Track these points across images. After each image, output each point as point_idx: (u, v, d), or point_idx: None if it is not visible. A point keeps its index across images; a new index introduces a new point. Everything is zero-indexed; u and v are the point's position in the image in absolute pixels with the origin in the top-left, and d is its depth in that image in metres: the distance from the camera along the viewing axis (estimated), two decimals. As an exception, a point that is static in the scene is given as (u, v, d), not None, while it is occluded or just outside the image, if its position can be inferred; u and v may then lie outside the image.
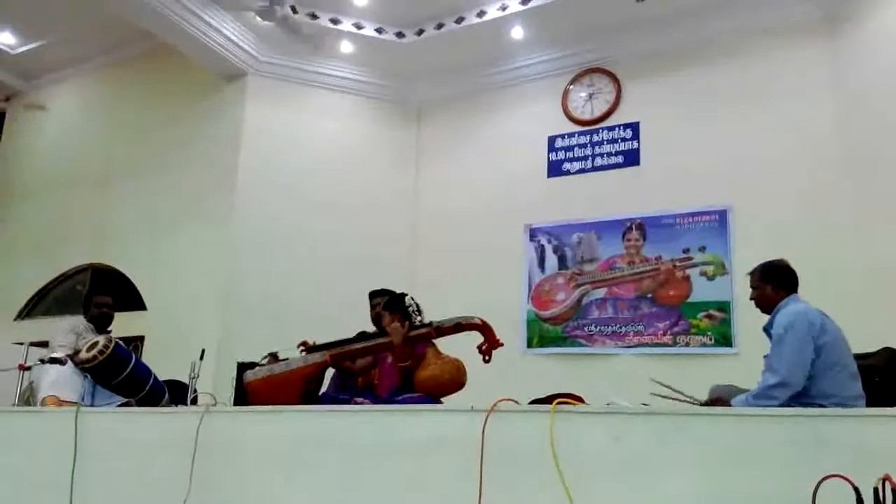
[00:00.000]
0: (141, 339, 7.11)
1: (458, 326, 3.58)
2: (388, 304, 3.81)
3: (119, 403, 3.90)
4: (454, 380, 3.58)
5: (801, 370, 3.02)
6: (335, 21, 7.08)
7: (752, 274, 3.54)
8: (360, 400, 3.43)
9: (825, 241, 5.61)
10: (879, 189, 5.35)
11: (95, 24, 7.87)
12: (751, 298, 3.54)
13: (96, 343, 3.83)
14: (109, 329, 4.62)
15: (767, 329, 3.34)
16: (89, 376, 3.95)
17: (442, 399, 3.54)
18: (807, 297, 3.43)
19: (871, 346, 3.70)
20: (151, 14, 6.50)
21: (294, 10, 6.87)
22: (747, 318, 5.23)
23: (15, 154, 9.19)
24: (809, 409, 2.75)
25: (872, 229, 5.40)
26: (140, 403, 3.91)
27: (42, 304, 8.22)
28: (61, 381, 3.95)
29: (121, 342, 4.06)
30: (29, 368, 3.94)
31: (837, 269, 5.42)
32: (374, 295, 4.29)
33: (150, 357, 6.85)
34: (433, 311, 3.92)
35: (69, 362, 3.98)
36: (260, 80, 7.36)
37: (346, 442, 2.91)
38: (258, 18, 6.77)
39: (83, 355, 3.83)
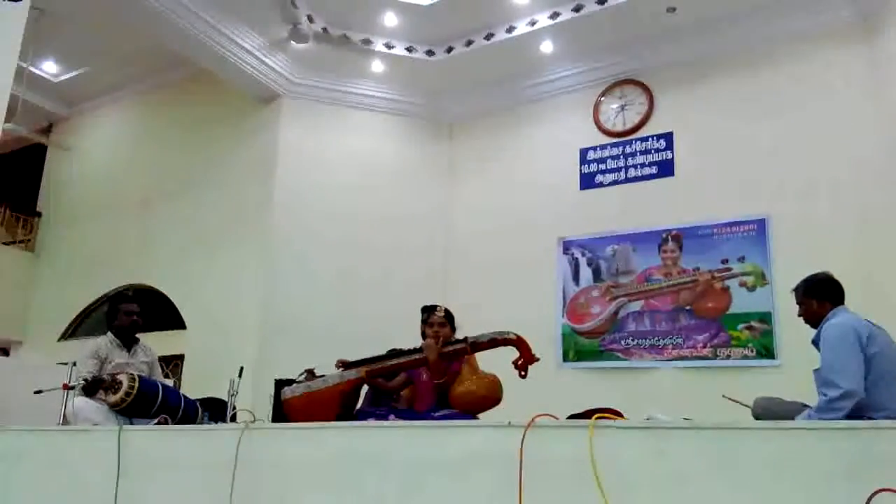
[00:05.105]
0: (181, 357, 7.23)
1: (494, 342, 3.55)
2: (448, 318, 3.86)
3: (156, 421, 3.94)
4: (490, 395, 3.56)
5: (859, 378, 2.96)
6: (366, 42, 7.18)
7: (795, 291, 3.50)
8: (391, 417, 3.43)
9: (867, 248, 5.47)
10: (925, 194, 5.20)
11: (133, 51, 8.12)
12: (799, 315, 3.48)
13: (121, 384, 3.86)
14: (137, 337, 4.53)
15: (816, 342, 3.28)
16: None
17: (478, 415, 3.52)
18: (852, 306, 3.34)
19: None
20: (188, 40, 6.68)
21: (325, 31, 6.99)
22: (790, 330, 5.12)
23: (58, 180, 9.47)
24: (859, 422, 2.67)
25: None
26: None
27: (84, 324, 8.42)
28: (84, 416, 3.93)
29: (144, 375, 4.11)
30: (73, 388, 3.99)
31: (881, 277, 5.28)
32: (427, 309, 4.21)
33: (189, 375, 7.01)
34: (468, 327, 3.92)
35: (99, 403, 3.97)
36: (293, 102, 7.49)
37: (385, 459, 2.90)
38: (291, 42, 6.91)
39: (111, 399, 3.86)
